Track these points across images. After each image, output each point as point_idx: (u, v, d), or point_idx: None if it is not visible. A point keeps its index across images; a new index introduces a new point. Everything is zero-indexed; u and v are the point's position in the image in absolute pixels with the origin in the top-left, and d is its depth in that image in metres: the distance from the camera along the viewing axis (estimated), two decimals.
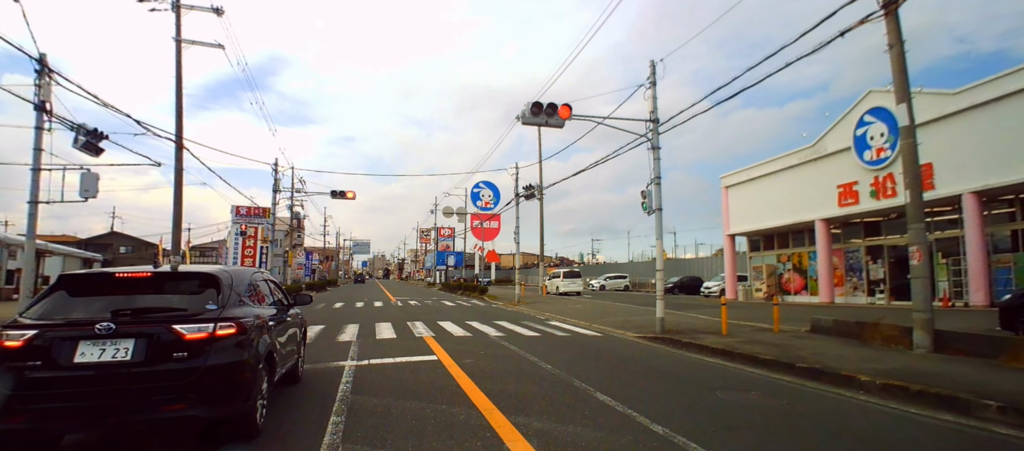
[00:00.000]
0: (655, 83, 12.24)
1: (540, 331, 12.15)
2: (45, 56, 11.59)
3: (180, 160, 17.99)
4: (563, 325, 13.85)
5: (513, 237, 24.63)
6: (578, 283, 33.07)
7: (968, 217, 17.38)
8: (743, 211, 27.59)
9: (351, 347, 9.21)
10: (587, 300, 27.37)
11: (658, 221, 12.31)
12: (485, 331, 11.86)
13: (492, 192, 55.74)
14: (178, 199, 17.98)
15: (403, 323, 13.55)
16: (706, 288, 32.22)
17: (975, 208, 17.21)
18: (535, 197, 21.47)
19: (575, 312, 17.95)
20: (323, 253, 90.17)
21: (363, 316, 16.18)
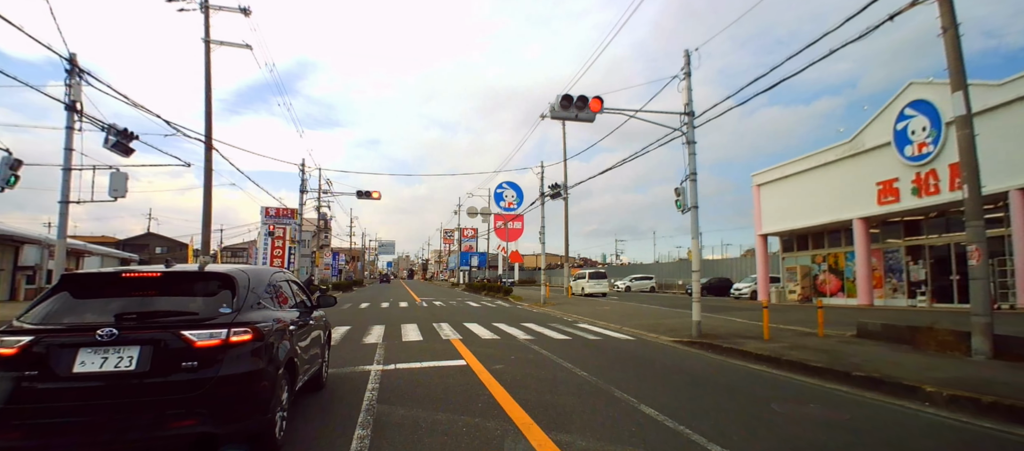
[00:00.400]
0: (689, 74, 11.72)
1: (570, 334, 11.74)
2: (75, 56, 11.63)
3: (209, 160, 18.05)
4: (592, 328, 13.41)
5: (538, 237, 24.24)
6: (604, 284, 32.49)
7: (1015, 215, 16.41)
8: (776, 210, 26.70)
9: (377, 350, 8.93)
10: (613, 301, 26.82)
11: (693, 219, 11.78)
12: (513, 334, 11.49)
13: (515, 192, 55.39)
14: (207, 199, 18.05)
15: (429, 325, 13.27)
16: (736, 290, 31.32)
17: (1023, 206, 16.25)
18: (561, 196, 21.03)
19: (603, 314, 17.47)
20: (349, 253, 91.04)
21: (389, 317, 15.97)
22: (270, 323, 3.96)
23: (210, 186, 18.13)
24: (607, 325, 14.08)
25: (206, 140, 17.92)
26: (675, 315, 17.05)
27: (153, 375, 3.27)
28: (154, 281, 3.93)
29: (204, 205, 18.03)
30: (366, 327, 12.59)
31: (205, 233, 18.08)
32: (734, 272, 38.43)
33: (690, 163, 11.84)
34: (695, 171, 11.85)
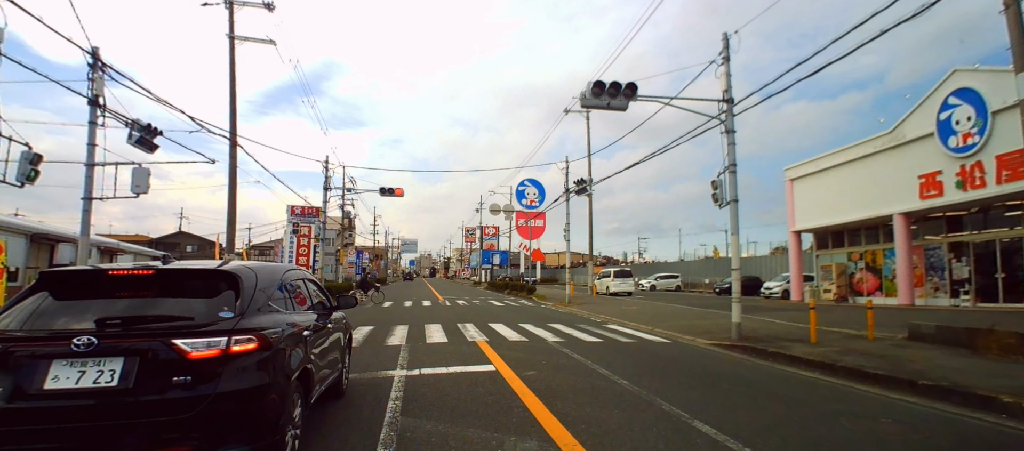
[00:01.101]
0: (728, 59, 11.07)
1: (600, 336, 11.21)
2: (98, 49, 11.48)
3: (234, 157, 17.94)
4: (623, 329, 12.86)
5: (563, 234, 23.71)
6: (629, 283, 31.77)
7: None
8: (810, 206, 25.69)
9: (400, 353, 8.54)
10: (640, 301, 26.15)
11: (733, 213, 11.14)
12: (541, 335, 11.01)
13: (537, 190, 54.87)
14: (232, 196, 17.94)
15: (453, 325, 12.86)
16: (767, 289, 30.32)
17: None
18: (586, 191, 20.44)
19: (632, 314, 16.87)
20: (373, 252, 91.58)
21: (412, 316, 15.63)
22: (281, 329, 3.40)
23: (235, 183, 18.02)
24: (638, 326, 13.50)
25: (231, 137, 17.80)
26: (708, 316, 16.38)
27: (139, 392, 2.72)
28: (146, 280, 3.30)
29: (229, 202, 17.93)
30: (389, 327, 12.24)
31: (230, 231, 17.98)
32: (762, 270, 37.33)
33: (729, 153, 11.20)
34: (735, 162, 11.22)
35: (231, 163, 17.84)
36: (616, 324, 14.05)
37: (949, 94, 19.01)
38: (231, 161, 17.85)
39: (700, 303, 24.09)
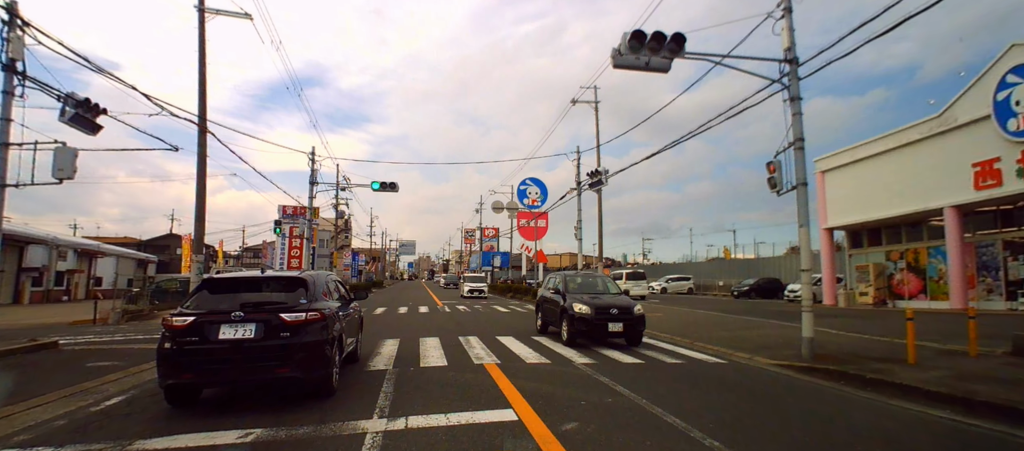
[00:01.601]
0: (790, 9, 8.93)
1: (637, 354, 9.03)
2: (15, 4, 9.34)
3: (203, 144, 15.76)
4: (660, 343, 10.67)
5: (574, 233, 21.52)
6: (642, 285, 29.59)
7: None
8: (843, 200, 23.52)
9: (383, 385, 6.35)
10: (658, 305, 23.96)
11: (801, 200, 8.96)
12: (564, 355, 8.81)
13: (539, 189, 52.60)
14: (201, 189, 15.76)
15: (454, 339, 10.66)
16: (791, 291, 28.10)
17: None
18: (602, 183, 18.28)
19: (660, 323, 14.69)
20: (369, 254, 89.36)
21: (406, 327, 13.44)
22: (329, 309, 5.98)
23: (204, 173, 15.84)
24: (674, 339, 11.33)
25: (199, 122, 15.63)
26: (751, 325, 14.21)
27: (264, 341, 5.27)
28: (259, 281, 6.02)
29: (197, 196, 15.75)
30: (376, 342, 10.05)
31: (198, 228, 15.80)
32: (781, 272, 35.16)
33: (794, 125, 9.05)
34: (802, 137, 9.06)
35: (200, 151, 15.67)
36: (647, 337, 11.87)
37: (1007, 71, 16.92)
38: (200, 149, 15.68)
39: (726, 308, 21.89)
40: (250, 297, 5.59)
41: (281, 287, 5.87)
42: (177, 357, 5.14)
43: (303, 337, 5.35)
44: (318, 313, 5.57)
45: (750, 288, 31.81)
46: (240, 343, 5.19)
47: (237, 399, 5.78)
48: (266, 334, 5.26)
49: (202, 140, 15.74)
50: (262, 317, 5.32)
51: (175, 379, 5.18)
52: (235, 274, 6.25)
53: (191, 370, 5.17)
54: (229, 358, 5.18)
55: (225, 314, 5.26)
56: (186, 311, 5.34)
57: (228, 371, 5.23)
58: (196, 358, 5.14)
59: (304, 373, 5.35)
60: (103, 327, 14.35)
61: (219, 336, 5.19)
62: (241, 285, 5.83)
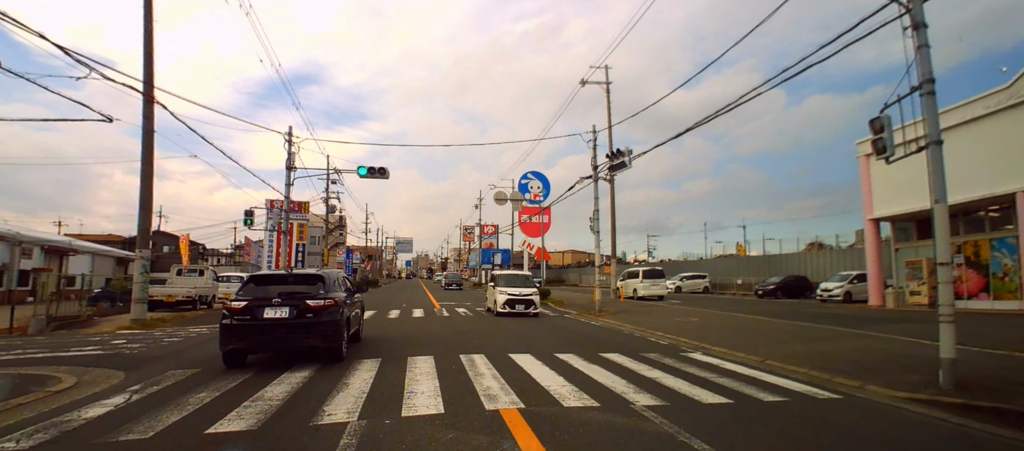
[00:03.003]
0: None
1: (711, 385, 6.40)
2: None
3: (149, 117, 13.11)
4: (725, 364, 8.05)
5: (590, 225, 18.86)
6: (661, 285, 26.93)
7: None
8: (892, 187, 20.82)
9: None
10: (683, 307, 21.34)
11: (934, 164, 6.42)
12: (611, 386, 6.13)
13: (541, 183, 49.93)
14: (147, 170, 13.11)
15: (453, 359, 8.01)
16: (824, 290, 25.52)
17: None
18: (626, 166, 15.64)
19: (700, 331, 12.10)
20: (365, 252, 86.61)
21: (393, 339, 10.80)
22: (340, 297, 8.11)
23: (151, 152, 13.17)
24: (736, 355, 8.74)
25: (145, 91, 12.96)
26: (818, 334, 11.61)
27: (295, 320, 7.22)
28: (290, 277, 8.21)
29: (142, 179, 13.08)
30: (348, 365, 7.41)
31: (143, 218, 13.13)
32: (803, 269, 32.58)
33: (920, 63, 6.54)
34: (931, 77, 6.51)
35: (145, 124, 13.00)
36: (699, 351, 9.26)
37: None
38: (145, 122, 13.01)
39: (761, 310, 19.28)
40: (284, 288, 7.62)
41: (306, 281, 7.95)
42: (234, 330, 7.14)
43: (322, 317, 7.38)
44: (332, 300, 7.64)
45: (776, 287, 29.19)
46: (278, 321, 7.19)
47: None
48: (297, 315, 7.25)
49: (148, 111, 13.08)
50: (293, 302, 7.31)
51: (232, 345, 7.16)
52: (273, 272, 9.26)
53: (244, 339, 7.19)
54: (271, 331, 7.19)
55: (267, 300, 7.29)
56: (241, 297, 7.38)
57: (270, 341, 7.33)
58: (248, 331, 7.16)
59: (323, 342, 7.38)
60: (22, 338, 11.53)
61: (264, 315, 7.18)
62: (277, 280, 7.98)
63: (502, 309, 15.98)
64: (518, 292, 16.36)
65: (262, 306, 7.17)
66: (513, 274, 18.97)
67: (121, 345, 9.71)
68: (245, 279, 8.79)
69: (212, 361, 7.80)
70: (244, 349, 7.31)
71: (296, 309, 7.21)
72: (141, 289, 12.78)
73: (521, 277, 18.33)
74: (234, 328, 7.08)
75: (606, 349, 9.16)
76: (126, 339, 10.47)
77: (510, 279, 17.64)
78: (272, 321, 7.13)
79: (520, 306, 15.98)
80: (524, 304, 16.07)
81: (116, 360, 8.05)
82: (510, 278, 17.79)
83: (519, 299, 16.07)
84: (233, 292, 21.45)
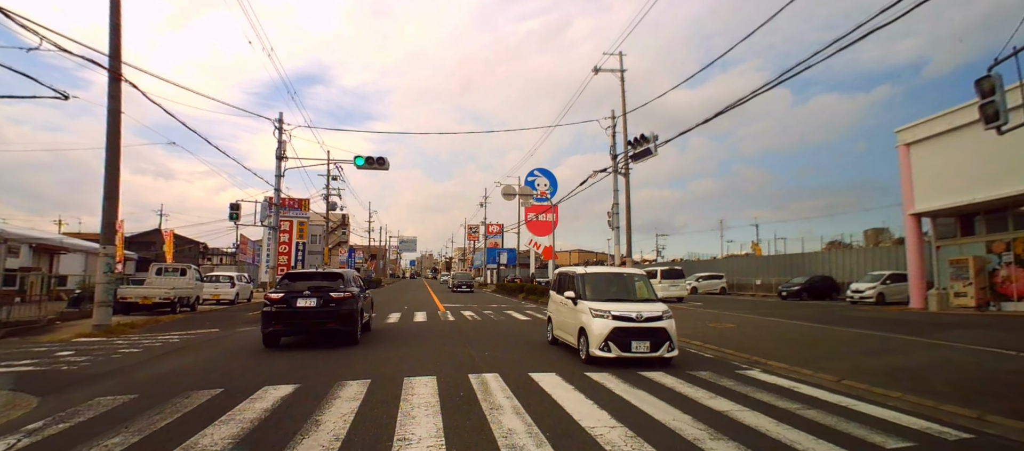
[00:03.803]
0: None
1: (813, 426, 4.79)
2: None
3: (117, 97, 11.60)
4: (801, 388, 6.45)
5: (608, 220, 17.25)
6: (681, 286, 25.27)
7: None
8: (936, 179, 19.10)
9: None
10: (705, 310, 19.74)
11: None
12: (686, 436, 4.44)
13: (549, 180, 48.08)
14: (113, 155, 11.59)
15: (462, 381, 6.43)
16: (855, 291, 23.83)
17: None
18: (651, 153, 14.00)
19: (745, 341, 10.51)
20: (368, 251, 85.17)
21: (386, 351, 9.23)
22: (355, 291, 9.91)
23: (118, 134, 11.66)
24: (795, 371, 7.20)
25: (111, 68, 11.45)
26: (878, 344, 10.02)
27: (321, 308, 9.18)
28: (316, 275, 10.18)
29: (107, 165, 11.56)
30: (328, 389, 5.86)
31: (108, 209, 11.60)
32: (822, 267, 30.89)
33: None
34: None
35: (111, 104, 11.49)
36: (758, 370, 7.65)
37: None
38: (111, 102, 11.50)
39: (793, 313, 17.63)
40: (312, 283, 9.68)
41: (329, 278, 10.02)
42: (273, 315, 9.17)
43: (342, 306, 9.42)
44: (350, 293, 9.69)
45: (801, 288, 27.49)
46: (308, 309, 9.22)
47: None
48: (322, 304, 9.29)
49: (114, 90, 11.56)
50: (320, 294, 9.36)
51: (272, 328, 9.21)
52: (303, 271, 12.08)
53: (281, 323, 9.24)
54: (302, 317, 9.26)
55: (300, 292, 9.36)
56: (279, 290, 9.56)
57: (301, 324, 9.41)
58: (284, 317, 9.20)
59: (342, 326, 9.38)
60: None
61: (297, 304, 9.22)
62: (307, 277, 10.16)
63: (603, 352, 7.52)
64: (635, 312, 7.75)
65: (295, 297, 9.26)
66: (614, 273, 9.53)
67: (65, 358, 8.17)
68: (281, 276, 11.20)
69: (160, 383, 6.25)
70: (281, 331, 9.38)
71: (322, 299, 9.29)
72: (105, 291, 11.26)
73: (632, 279, 9.24)
74: (273, 314, 9.16)
75: (647, 367, 7.56)
76: (75, 350, 8.93)
77: (608, 283, 8.82)
78: (303, 309, 9.20)
79: (643, 344, 7.57)
80: (650, 341, 7.62)
81: (41, 380, 6.49)
82: (608, 281, 8.90)
83: (640, 329, 7.61)
84: (221, 293, 20.14)
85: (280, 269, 35.94)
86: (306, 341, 9.87)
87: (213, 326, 13.14)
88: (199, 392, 5.59)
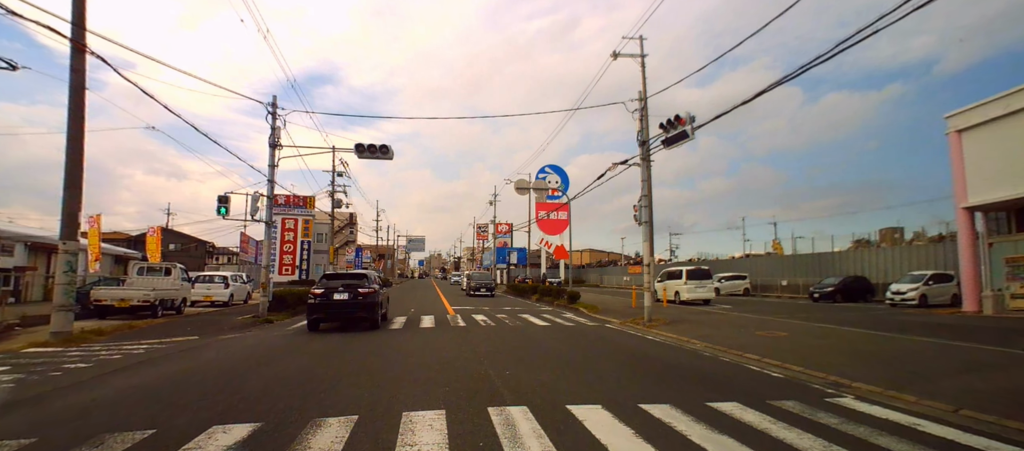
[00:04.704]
0: None
1: None
2: None
3: (80, 72, 10.18)
4: (922, 425, 4.85)
5: (634, 215, 15.67)
6: (708, 287, 23.54)
7: None
8: (992, 169, 17.32)
9: None
10: (739, 314, 18.08)
11: None
12: None
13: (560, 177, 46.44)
14: (75, 142, 10.17)
15: (480, 421, 4.87)
16: (896, 293, 22.05)
17: None
18: (688, 137, 12.37)
19: (809, 354, 8.93)
20: (376, 251, 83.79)
21: (388, 369, 7.71)
22: (377, 288, 13.19)
23: (81, 113, 10.25)
24: (897, 397, 5.66)
25: (73, 35, 10.03)
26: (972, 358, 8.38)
27: (352, 300, 12.22)
28: (347, 275, 13.97)
29: (69, 150, 10.14)
30: (301, 429, 4.36)
31: (69, 201, 10.17)
32: (854, 267, 29.10)
33: None
34: None
35: (74, 79, 10.08)
36: (851, 396, 6.08)
37: None
38: (75, 76, 10.10)
39: (833, 317, 15.95)
40: (344, 282, 12.62)
41: (357, 277, 13.17)
42: (316, 307, 12.07)
43: (367, 299, 12.23)
44: (372, 289, 12.50)
45: (834, 289, 25.71)
46: (342, 301, 12.07)
47: None
48: (352, 297, 12.12)
49: (78, 62, 10.14)
50: (350, 290, 12.20)
51: (315, 316, 12.15)
52: (337, 272, 16.53)
53: (322, 312, 12.16)
54: (338, 307, 12.14)
55: (335, 288, 12.25)
56: (319, 286, 12.55)
57: (337, 314, 12.28)
58: (324, 307, 12.11)
59: (367, 314, 12.33)
60: None
61: (334, 298, 12.06)
62: (340, 277, 13.27)
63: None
64: None
65: (332, 292, 12.18)
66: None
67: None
68: (322, 275, 14.86)
69: (75, 420, 4.73)
70: (321, 318, 12.37)
71: (352, 294, 12.17)
72: (64, 293, 9.81)
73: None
74: (316, 305, 12.12)
75: (711, 392, 5.98)
76: (12, 366, 7.46)
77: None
78: (338, 301, 12.11)
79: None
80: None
81: None
82: None
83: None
84: (214, 294, 18.83)
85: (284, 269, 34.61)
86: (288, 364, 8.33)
87: (193, 333, 11.73)
88: (115, 437, 4.06)
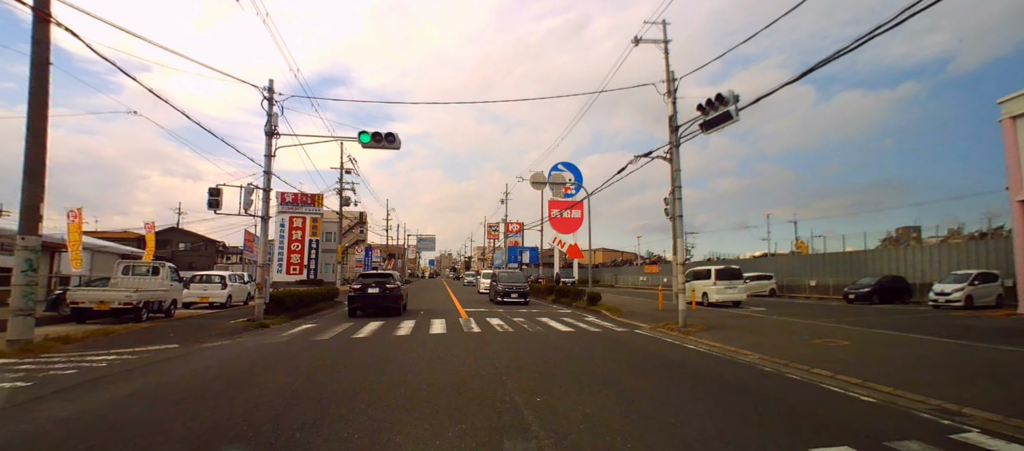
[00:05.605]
0: None
1: None
2: None
3: (44, 46, 8.99)
4: None
5: (664, 209, 14.28)
6: (739, 288, 21.97)
7: None
8: None
9: None
10: (780, 318, 16.58)
11: None
12: None
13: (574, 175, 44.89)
14: (36, 124, 8.97)
15: None
16: (939, 294, 20.42)
17: None
18: (732, 118, 10.92)
19: (890, 370, 7.55)
20: (386, 250, 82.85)
21: (387, 391, 6.41)
22: (401, 284, 18.33)
23: (45, 90, 9.04)
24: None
25: (36, 5, 8.85)
26: None
27: (381, 293, 16.73)
28: (377, 274, 19.18)
29: (28, 139, 8.94)
30: None
31: (30, 192, 8.98)
32: (889, 266, 27.41)
33: None
34: None
35: (38, 52, 8.92)
36: (975, 432, 4.73)
37: None
38: (38, 50, 8.93)
39: (882, 322, 14.41)
40: (376, 279, 17.12)
41: (385, 276, 17.58)
42: (354, 298, 16.53)
43: (394, 292, 16.58)
44: (397, 285, 16.89)
45: (871, 290, 24.07)
46: (375, 294, 16.35)
47: None
48: (382, 291, 16.42)
49: (41, 33, 8.97)
50: (380, 285, 16.56)
51: (354, 306, 16.59)
52: (370, 271, 24.47)
53: (359, 303, 16.53)
54: (371, 299, 16.42)
55: (369, 284, 16.65)
56: (357, 283, 17.23)
57: (371, 305, 16.51)
58: (361, 299, 16.48)
59: (393, 304, 16.59)
60: None
61: (368, 291, 16.43)
62: (372, 276, 17.87)
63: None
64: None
65: (367, 287, 16.60)
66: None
67: None
68: (358, 274, 20.77)
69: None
70: (359, 307, 16.64)
71: (382, 288, 16.53)
72: (24, 296, 8.60)
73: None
74: (355, 297, 16.55)
75: (809, 432, 4.59)
76: None
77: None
78: (371, 294, 16.43)
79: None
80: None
81: None
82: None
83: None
84: (211, 295, 17.66)
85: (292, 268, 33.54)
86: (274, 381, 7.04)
87: (175, 340, 10.31)
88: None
